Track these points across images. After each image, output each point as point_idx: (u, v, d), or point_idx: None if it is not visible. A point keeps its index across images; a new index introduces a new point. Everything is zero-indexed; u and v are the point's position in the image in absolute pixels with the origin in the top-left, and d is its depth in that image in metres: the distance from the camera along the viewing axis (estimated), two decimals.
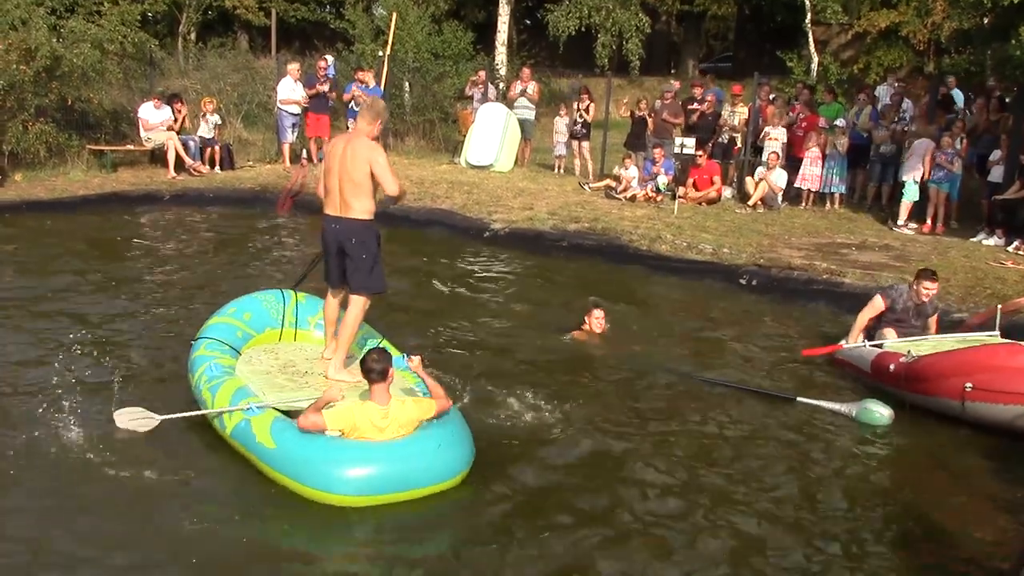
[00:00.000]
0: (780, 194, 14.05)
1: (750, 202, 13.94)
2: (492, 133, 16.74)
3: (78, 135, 15.95)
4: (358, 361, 5.88)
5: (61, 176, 14.95)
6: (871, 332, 8.05)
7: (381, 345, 6.71)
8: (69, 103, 15.95)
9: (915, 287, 7.93)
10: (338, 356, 6.34)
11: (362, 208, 6.19)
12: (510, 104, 17.28)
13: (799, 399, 7.13)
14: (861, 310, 8.12)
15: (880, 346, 7.74)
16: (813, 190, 14.27)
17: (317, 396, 5.70)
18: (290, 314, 7.13)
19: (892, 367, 7.28)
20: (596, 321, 8.38)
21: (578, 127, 16.28)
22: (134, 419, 5.86)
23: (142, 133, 16.00)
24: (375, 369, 5.48)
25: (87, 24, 16.52)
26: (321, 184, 6.41)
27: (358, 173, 6.10)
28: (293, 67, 16.53)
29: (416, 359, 6.18)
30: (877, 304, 8.01)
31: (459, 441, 5.59)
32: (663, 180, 14.34)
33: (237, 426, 5.63)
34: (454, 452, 5.49)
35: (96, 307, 8.85)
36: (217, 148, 16.19)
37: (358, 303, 6.36)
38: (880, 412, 6.79)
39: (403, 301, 9.61)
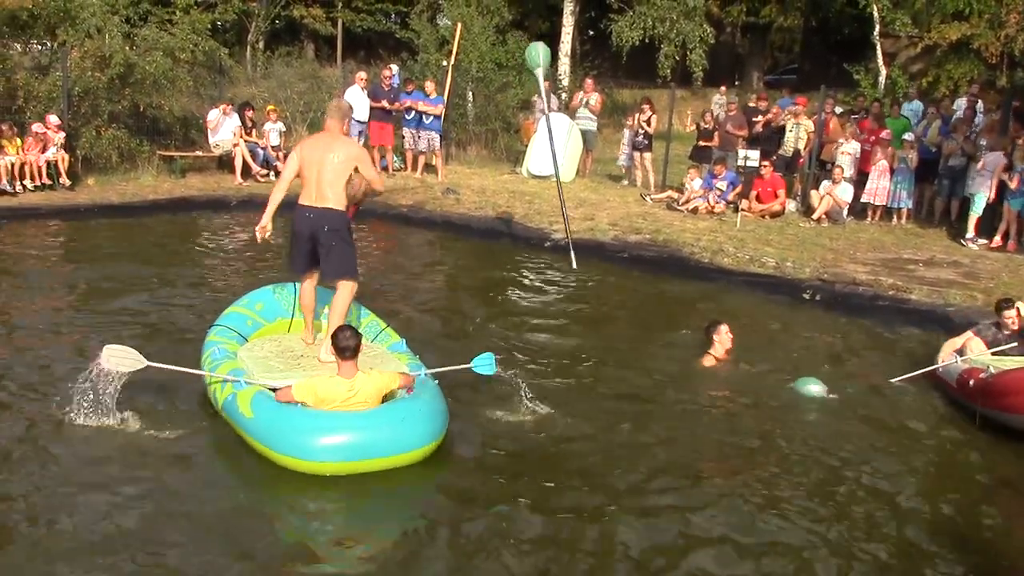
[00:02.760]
0: (846, 208, 13.85)
1: (814, 216, 13.75)
2: (554, 143, 16.67)
3: (149, 141, 16.30)
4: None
5: (132, 181, 15.28)
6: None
7: (384, 330, 7.35)
8: (141, 109, 16.34)
9: (1000, 320, 7.83)
10: (328, 340, 6.59)
11: (337, 199, 6.58)
12: (572, 114, 17.28)
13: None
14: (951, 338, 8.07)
15: (965, 359, 7.60)
16: (880, 204, 14.05)
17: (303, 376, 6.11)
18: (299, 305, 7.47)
19: (972, 382, 7.13)
20: (725, 337, 8.04)
21: (640, 138, 16.22)
22: (120, 358, 5.99)
23: (210, 139, 16.32)
24: (350, 347, 5.83)
25: (159, 32, 16.94)
26: (283, 179, 6.93)
27: (340, 169, 6.55)
28: (361, 75, 16.74)
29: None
30: (969, 338, 7.91)
31: (426, 415, 5.84)
32: (723, 184, 14.24)
33: (226, 400, 6.05)
34: (420, 425, 5.75)
35: (154, 302, 9.25)
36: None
37: (345, 289, 6.72)
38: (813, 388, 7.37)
39: (467, 310, 9.67)
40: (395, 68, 18.22)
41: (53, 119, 14.22)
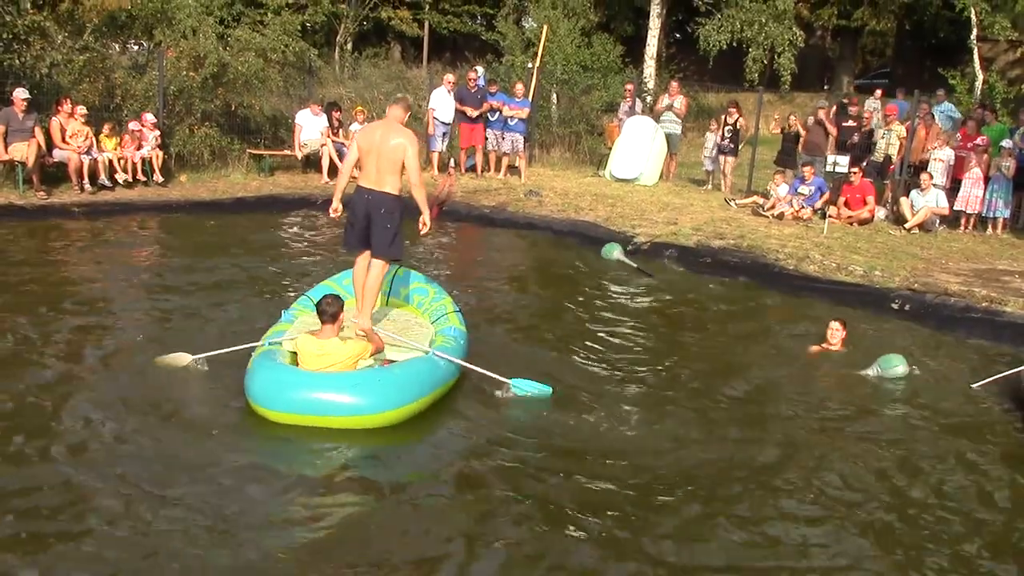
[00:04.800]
0: (939, 217, 13.48)
1: (907, 225, 13.38)
2: (638, 146, 16.65)
3: (239, 139, 16.63)
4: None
5: (222, 178, 15.61)
6: None
7: (448, 315, 7.68)
8: (232, 109, 16.69)
9: None
10: (365, 313, 7.17)
11: (393, 184, 7.11)
12: (656, 118, 17.16)
13: None
14: None
15: None
16: (972, 213, 13.63)
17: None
18: (386, 284, 7.78)
19: None
20: (835, 333, 8.48)
21: (725, 142, 16.03)
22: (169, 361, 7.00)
23: (298, 138, 16.58)
24: (327, 312, 6.45)
25: (252, 33, 17.30)
26: (347, 162, 7.50)
27: (394, 156, 7.03)
28: (448, 78, 16.87)
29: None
30: None
31: (382, 387, 6.20)
32: (808, 190, 13.99)
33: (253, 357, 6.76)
34: (371, 395, 6.11)
35: (234, 293, 9.52)
36: None
37: (378, 267, 7.24)
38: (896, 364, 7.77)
39: (543, 309, 9.67)
40: (480, 70, 18.30)
41: (149, 117, 14.63)
